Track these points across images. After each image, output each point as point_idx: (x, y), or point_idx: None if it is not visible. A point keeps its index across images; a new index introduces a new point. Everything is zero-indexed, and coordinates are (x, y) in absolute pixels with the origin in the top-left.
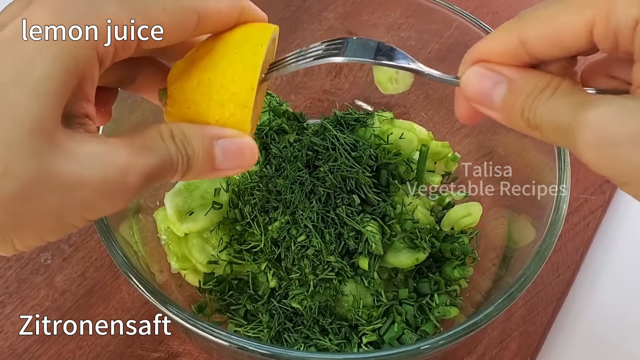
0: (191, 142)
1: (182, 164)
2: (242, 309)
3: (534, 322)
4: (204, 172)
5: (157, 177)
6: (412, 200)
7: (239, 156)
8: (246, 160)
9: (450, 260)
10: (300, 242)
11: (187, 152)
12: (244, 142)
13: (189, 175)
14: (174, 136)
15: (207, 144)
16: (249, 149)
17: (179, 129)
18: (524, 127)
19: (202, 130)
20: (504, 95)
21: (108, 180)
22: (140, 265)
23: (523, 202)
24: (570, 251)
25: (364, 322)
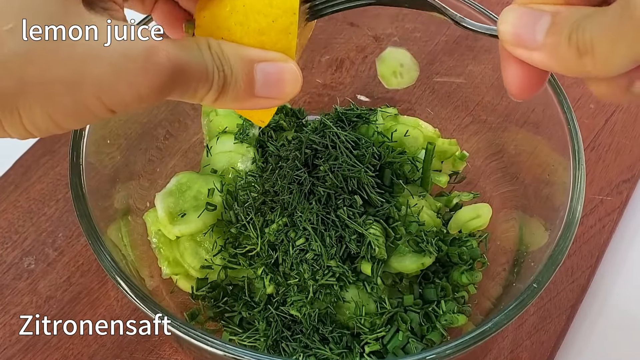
0: (229, 60)
1: (218, 79)
2: (237, 316)
3: (547, 331)
4: (241, 97)
5: (188, 78)
6: (418, 201)
7: (279, 82)
8: (287, 88)
9: (458, 265)
10: (299, 246)
11: (224, 69)
12: (287, 67)
13: (224, 97)
14: (211, 48)
15: (248, 65)
16: (292, 74)
17: (217, 44)
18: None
19: (243, 50)
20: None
21: (129, 56)
22: (129, 270)
23: (535, 203)
24: (585, 255)
25: (367, 330)
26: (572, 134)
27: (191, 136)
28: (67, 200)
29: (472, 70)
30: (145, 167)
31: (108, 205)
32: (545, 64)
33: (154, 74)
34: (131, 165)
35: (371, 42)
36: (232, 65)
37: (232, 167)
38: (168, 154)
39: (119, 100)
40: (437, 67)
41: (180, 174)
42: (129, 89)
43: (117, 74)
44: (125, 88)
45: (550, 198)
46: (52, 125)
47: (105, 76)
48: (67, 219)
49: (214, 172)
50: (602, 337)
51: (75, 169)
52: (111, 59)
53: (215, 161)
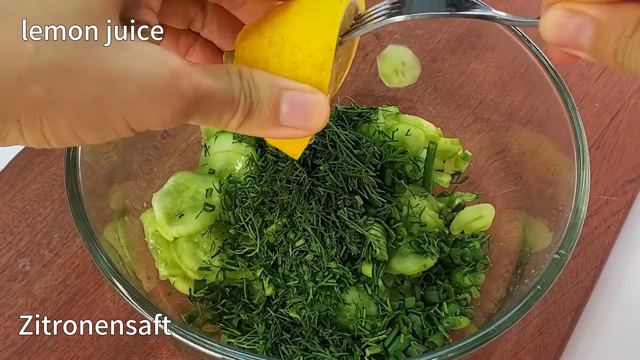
0: (258, 87)
1: (244, 105)
2: (235, 318)
3: (551, 334)
4: (266, 123)
5: (212, 104)
6: (420, 201)
7: (305, 113)
8: (313, 119)
9: (460, 266)
10: (298, 247)
11: (252, 95)
12: (314, 99)
13: (249, 122)
14: (242, 75)
15: (275, 93)
16: (319, 106)
17: (249, 71)
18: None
19: (272, 78)
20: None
21: (156, 77)
22: (126, 271)
23: (539, 203)
24: (589, 257)
25: (368, 333)
26: (576, 133)
27: (189, 135)
28: (62, 200)
29: (474, 68)
30: (142, 166)
31: (104, 205)
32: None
33: (176, 99)
34: (128, 164)
35: (372, 39)
36: (261, 91)
37: (230, 167)
38: (165, 154)
39: (142, 121)
40: (439, 65)
41: (177, 174)
42: (152, 112)
43: (143, 95)
44: (149, 110)
45: (555, 198)
46: (72, 138)
47: (132, 96)
48: (63, 219)
49: (212, 172)
50: (607, 340)
51: (71, 168)
52: (138, 79)
53: (214, 161)
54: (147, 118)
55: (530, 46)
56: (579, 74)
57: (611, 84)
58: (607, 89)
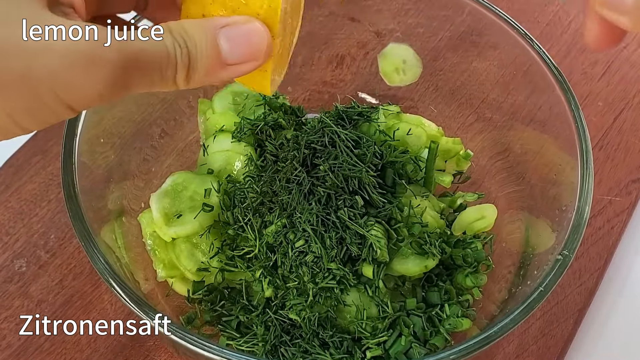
0: (192, 35)
1: (182, 57)
2: (234, 320)
3: (554, 336)
4: (211, 68)
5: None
6: (421, 202)
7: (246, 43)
8: (255, 48)
9: (462, 267)
10: (298, 248)
11: (188, 44)
12: (250, 27)
13: (195, 73)
14: (172, 29)
15: (210, 34)
16: (257, 32)
17: (178, 23)
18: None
19: (204, 21)
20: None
21: (79, 47)
22: (123, 272)
23: (542, 204)
24: (593, 257)
25: (368, 334)
26: (579, 133)
27: (187, 135)
28: (59, 200)
29: (476, 66)
30: (139, 166)
31: (102, 206)
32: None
33: (103, 65)
34: (125, 164)
35: (373, 37)
36: (196, 38)
37: (229, 167)
38: (163, 153)
39: (76, 95)
40: (441, 64)
41: (176, 174)
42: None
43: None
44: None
45: (558, 199)
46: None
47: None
48: (60, 220)
49: (211, 171)
50: (610, 342)
51: (68, 168)
52: (60, 50)
53: (212, 160)
54: (80, 90)
55: (532, 44)
56: (582, 72)
57: (615, 82)
58: (610, 88)
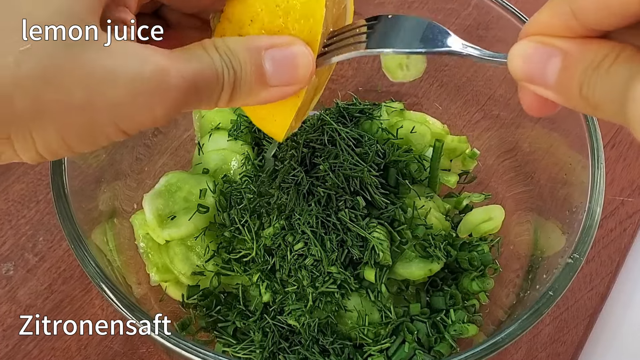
0: (237, 54)
1: (229, 77)
2: (231, 326)
3: (564, 342)
4: (254, 89)
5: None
6: (425, 202)
7: (291, 66)
8: (300, 72)
9: (468, 271)
10: (297, 251)
11: (233, 65)
12: (296, 49)
13: (238, 93)
14: (217, 47)
15: (255, 55)
16: (302, 55)
17: (223, 41)
18: (584, 107)
19: (248, 41)
20: (559, 71)
21: (144, 77)
22: (115, 276)
23: (551, 204)
24: (604, 261)
25: (370, 341)
26: (590, 131)
27: (182, 133)
28: (48, 201)
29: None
30: (132, 166)
31: (92, 207)
32: (556, 100)
33: (168, 95)
34: (117, 164)
35: None
36: (240, 58)
37: (225, 166)
38: (157, 152)
39: (135, 123)
40: (446, 59)
41: (169, 174)
42: (143, 112)
43: (133, 96)
44: (140, 111)
45: (568, 199)
46: (64, 149)
47: (121, 98)
48: (49, 221)
49: (206, 171)
50: (623, 348)
51: (57, 168)
52: (126, 80)
53: (208, 160)
54: (139, 119)
55: None
56: None
57: None
58: None
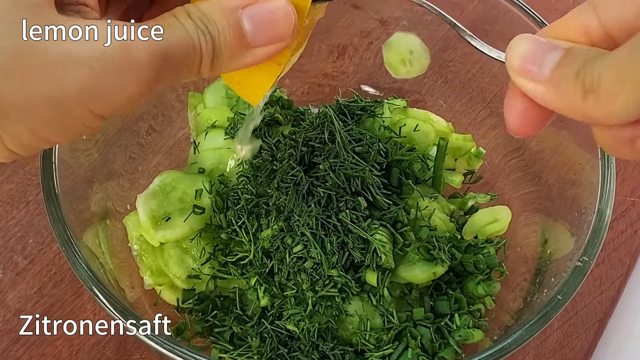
0: (212, 18)
1: (206, 45)
2: (227, 331)
3: (573, 348)
4: (236, 54)
5: (177, 59)
6: (429, 203)
7: (271, 23)
8: (281, 27)
9: (473, 274)
10: (296, 253)
11: (210, 31)
12: (274, 5)
13: (220, 60)
14: (190, 14)
15: (232, 17)
16: (281, 10)
17: (196, 7)
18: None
19: (223, 2)
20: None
21: (107, 55)
22: (107, 280)
23: (559, 205)
24: (615, 264)
25: (372, 347)
26: None
27: (176, 131)
28: (38, 202)
29: (489, 57)
30: (125, 165)
31: (84, 208)
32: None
33: (137, 71)
34: (110, 163)
35: (377, 26)
36: (217, 22)
37: (222, 166)
38: (151, 151)
39: (107, 104)
40: (451, 54)
41: (164, 173)
42: (114, 91)
43: (100, 77)
44: (111, 90)
45: (577, 200)
46: (37, 141)
47: (86, 81)
48: (39, 223)
49: (202, 171)
50: (633, 355)
51: (48, 167)
52: (89, 61)
53: (204, 159)
54: (111, 98)
55: None
56: None
57: None
58: None
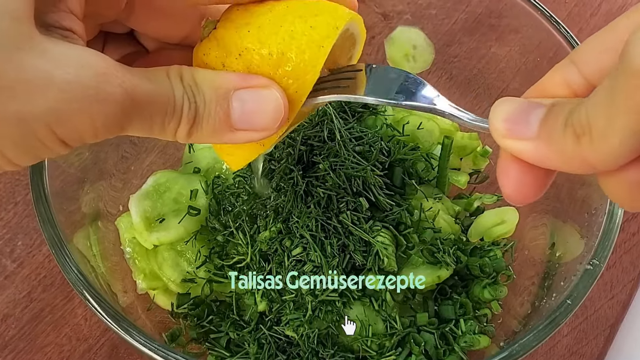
0: (202, 90)
1: (188, 111)
2: (224, 337)
3: (583, 355)
4: (218, 130)
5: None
6: (433, 204)
7: (259, 114)
8: (268, 120)
9: (479, 278)
10: (295, 256)
11: (196, 99)
12: (267, 95)
13: (199, 130)
14: (183, 78)
15: (222, 95)
16: (273, 102)
17: (190, 73)
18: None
19: (219, 78)
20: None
21: (80, 81)
22: (99, 283)
23: (569, 206)
24: (626, 267)
25: (374, 353)
26: None
27: None
28: (27, 203)
29: (495, 52)
30: (117, 165)
31: (75, 209)
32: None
33: (106, 104)
34: (101, 162)
35: (379, 20)
36: (206, 96)
37: (217, 165)
38: (144, 150)
39: (73, 132)
40: (455, 49)
41: (158, 173)
42: (81, 120)
43: (69, 102)
44: (77, 117)
45: (587, 201)
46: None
47: (56, 104)
48: (28, 225)
49: (197, 170)
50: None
51: (37, 167)
52: (61, 85)
53: (199, 158)
54: (77, 128)
55: (559, 28)
56: None
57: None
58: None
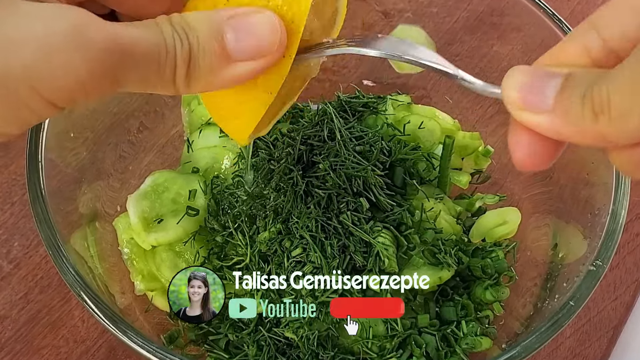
0: (195, 28)
1: (182, 51)
2: (223, 339)
3: (585, 356)
4: (216, 65)
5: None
6: (434, 204)
7: (254, 34)
8: (264, 39)
9: (481, 279)
10: (295, 257)
11: (189, 37)
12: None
13: (197, 70)
14: (172, 21)
15: (215, 27)
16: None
17: (181, 16)
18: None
19: (209, 13)
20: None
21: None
22: (96, 285)
23: (572, 207)
24: (630, 268)
25: (375, 355)
26: None
27: (169, 129)
28: (24, 203)
29: (498, 51)
30: (115, 164)
31: (72, 209)
32: (554, 129)
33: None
34: (99, 162)
35: (380, 18)
36: (199, 31)
37: (217, 165)
38: (142, 150)
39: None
40: (457, 48)
41: (156, 173)
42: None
43: (48, 56)
44: (59, 72)
45: (590, 201)
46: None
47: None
48: (24, 225)
49: (196, 170)
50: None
51: (34, 167)
52: (38, 40)
53: (198, 158)
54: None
55: (562, 26)
56: None
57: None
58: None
